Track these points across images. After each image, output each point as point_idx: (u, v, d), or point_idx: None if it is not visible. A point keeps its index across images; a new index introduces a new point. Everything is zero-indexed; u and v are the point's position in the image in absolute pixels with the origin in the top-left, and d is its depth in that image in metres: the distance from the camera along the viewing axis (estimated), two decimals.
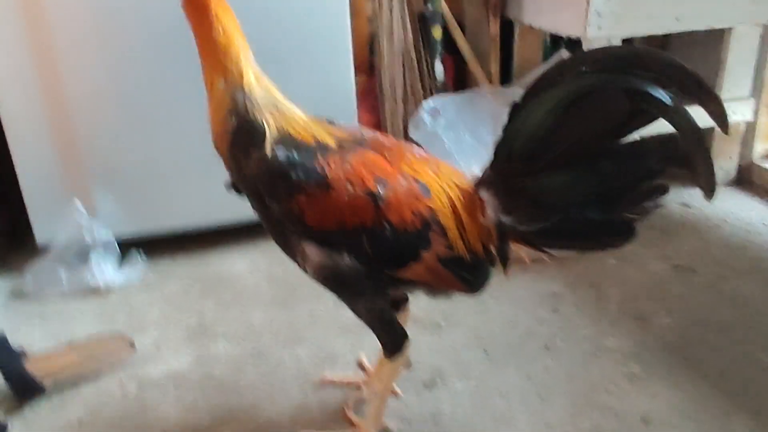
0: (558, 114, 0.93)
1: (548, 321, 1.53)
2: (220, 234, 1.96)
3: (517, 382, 1.33)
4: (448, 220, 1.03)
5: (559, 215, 0.98)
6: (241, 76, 1.02)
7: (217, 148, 1.06)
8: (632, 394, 1.28)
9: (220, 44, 1.01)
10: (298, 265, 1.08)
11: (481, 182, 1.05)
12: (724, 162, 2.20)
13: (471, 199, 1.05)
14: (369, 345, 1.41)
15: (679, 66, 0.87)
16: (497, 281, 1.09)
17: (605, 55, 0.93)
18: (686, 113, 0.87)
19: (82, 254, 1.76)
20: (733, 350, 1.39)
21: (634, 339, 1.44)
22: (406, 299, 1.23)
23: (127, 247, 1.84)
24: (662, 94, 0.87)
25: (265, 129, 1.01)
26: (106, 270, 1.76)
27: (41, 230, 1.80)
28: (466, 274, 1.05)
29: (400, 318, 1.18)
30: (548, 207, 0.98)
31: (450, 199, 1.04)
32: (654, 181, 0.94)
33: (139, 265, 1.83)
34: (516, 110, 0.97)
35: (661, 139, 0.92)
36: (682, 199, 2.09)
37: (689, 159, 0.89)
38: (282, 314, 1.62)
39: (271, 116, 1.02)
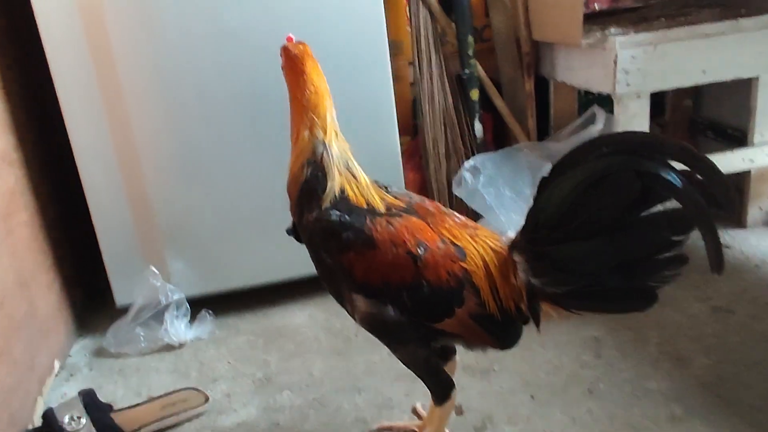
0: (579, 190, 1.04)
1: (591, 365, 1.61)
2: (279, 290, 2.09)
3: (563, 425, 1.41)
4: (480, 281, 1.14)
5: (581, 281, 1.07)
6: (326, 132, 1.19)
7: (288, 190, 1.23)
8: None
9: (312, 102, 1.18)
10: (348, 312, 1.22)
11: (514, 246, 1.16)
12: (763, 203, 2.26)
13: (505, 262, 1.16)
14: (423, 392, 1.51)
15: (690, 150, 0.96)
16: (543, 326, 1.18)
17: (623, 139, 1.05)
18: (694, 195, 0.96)
19: (157, 314, 1.91)
20: (765, 386, 1.45)
21: (674, 380, 1.51)
22: (454, 350, 1.34)
23: (196, 305, 1.98)
24: (672, 177, 0.97)
25: (327, 187, 1.15)
26: (178, 328, 1.91)
27: (120, 293, 1.96)
28: (496, 330, 1.17)
29: (448, 367, 1.29)
30: (571, 272, 1.08)
31: (484, 261, 1.16)
32: (671, 252, 1.02)
33: (207, 322, 1.96)
34: (544, 184, 1.08)
35: (672, 216, 1.01)
36: (722, 240, 2.14)
37: (701, 234, 0.97)
38: (340, 363, 1.73)
39: (339, 174, 1.17)
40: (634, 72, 1.93)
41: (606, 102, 2.23)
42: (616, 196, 1.02)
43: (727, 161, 2.10)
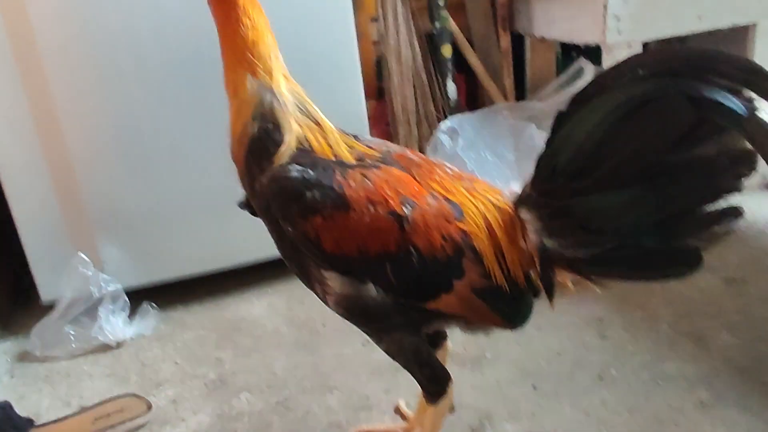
0: (610, 124, 0.81)
1: (597, 348, 1.41)
2: (233, 277, 1.87)
3: (575, 419, 1.21)
4: (483, 245, 0.92)
5: (612, 241, 0.86)
6: (271, 75, 0.94)
7: (233, 155, 0.98)
8: (705, 424, 1.15)
9: (249, 40, 0.93)
10: (318, 295, 0.98)
11: (521, 201, 0.93)
12: (762, 167, 2.09)
13: (511, 221, 0.94)
14: (405, 387, 1.31)
15: (758, 70, 0.75)
16: (537, 306, 0.97)
17: (668, 57, 0.81)
18: (764, 125, 0.75)
19: (89, 309, 1.67)
20: None
21: (697, 362, 1.32)
22: (444, 335, 1.12)
23: (136, 298, 1.74)
24: (735, 104, 0.75)
25: (284, 141, 0.91)
26: (115, 324, 1.66)
27: (46, 287, 1.71)
28: (505, 306, 0.95)
29: (439, 356, 1.07)
30: (599, 231, 0.86)
31: (486, 220, 0.93)
32: (724, 202, 0.81)
33: (150, 317, 1.73)
34: (561, 120, 0.85)
35: (735, 154, 0.79)
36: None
37: None
38: (306, 359, 1.51)
39: (295, 121, 0.93)
40: (625, 18, 1.74)
41: (590, 57, 2.05)
42: (660, 129, 0.79)
43: None
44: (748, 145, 0.77)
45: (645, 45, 1.85)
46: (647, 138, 0.81)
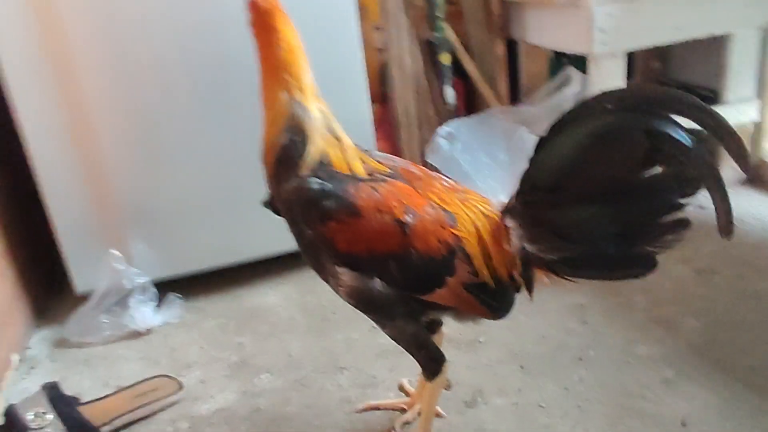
0: (582, 149, 0.96)
1: (578, 333, 1.57)
2: (250, 269, 2.01)
3: (555, 394, 1.37)
4: (473, 248, 1.08)
5: (580, 247, 1.01)
6: (304, 93, 1.08)
7: (263, 160, 1.13)
8: (668, 398, 1.32)
9: (286, 61, 1.08)
10: (331, 286, 1.14)
11: (507, 211, 1.09)
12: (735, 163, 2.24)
13: (497, 227, 1.09)
14: (408, 367, 1.46)
15: (701, 106, 0.89)
16: (527, 295, 1.13)
17: (630, 94, 0.96)
18: (705, 156, 0.90)
19: (121, 300, 1.81)
20: (760, 348, 1.43)
21: (664, 344, 1.48)
22: (441, 322, 1.28)
23: (163, 289, 1.88)
24: (682, 136, 0.90)
25: (306, 152, 1.06)
26: (145, 313, 1.81)
27: (80, 280, 1.85)
28: (490, 299, 1.10)
29: (436, 340, 1.23)
30: (570, 239, 1.01)
31: (476, 227, 1.09)
32: (675, 216, 0.96)
33: (175, 306, 1.87)
34: (542, 143, 1.01)
35: (680, 177, 0.94)
36: (697, 201, 2.12)
37: (710, 198, 0.91)
38: (319, 343, 1.66)
39: (321, 138, 1.08)
40: (610, 30, 1.87)
41: (578, 64, 2.19)
42: (621, 156, 0.95)
43: None
44: (692, 170, 0.92)
45: (629, 54, 1.99)
46: (611, 162, 0.96)
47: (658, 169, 0.95)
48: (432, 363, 1.17)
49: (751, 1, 1.97)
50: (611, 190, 0.97)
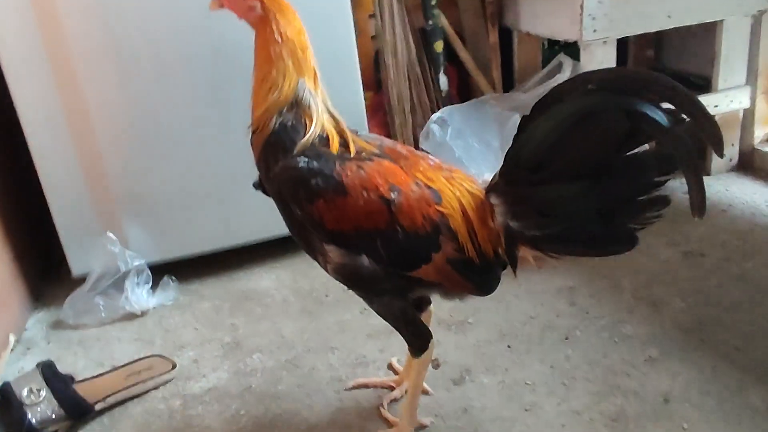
0: (563, 128, 0.98)
1: (566, 314, 1.59)
2: (244, 253, 2.03)
3: (542, 372, 1.40)
4: (458, 225, 1.10)
5: (562, 223, 1.03)
6: (308, 75, 1.11)
7: (252, 143, 1.15)
8: (652, 376, 1.34)
9: (292, 41, 1.10)
10: (320, 264, 1.16)
11: (491, 188, 1.11)
12: (726, 149, 2.26)
13: (481, 205, 1.11)
14: (397, 348, 1.49)
15: (677, 88, 0.91)
16: (516, 279, 1.15)
17: (611, 76, 0.99)
18: (682, 136, 0.92)
19: (116, 282, 1.83)
20: (744, 328, 1.45)
21: (650, 324, 1.50)
22: (429, 301, 1.30)
23: (158, 272, 1.90)
24: (660, 116, 0.92)
25: (309, 133, 1.09)
26: (140, 295, 1.83)
27: (76, 263, 1.87)
28: (475, 275, 1.12)
29: (423, 318, 1.25)
30: (552, 216, 1.04)
31: (461, 204, 1.11)
32: (654, 194, 0.98)
33: (170, 289, 1.89)
34: (525, 122, 1.03)
35: (659, 156, 0.97)
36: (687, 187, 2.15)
37: (684, 176, 0.93)
38: (311, 324, 1.69)
39: (318, 121, 1.11)
40: (600, 17, 1.90)
41: (570, 51, 2.20)
42: (602, 135, 0.97)
43: None
44: (670, 149, 0.94)
45: (619, 41, 2.01)
46: (592, 141, 0.98)
47: (638, 149, 0.98)
48: (418, 339, 1.19)
49: None
50: (592, 168, 0.99)
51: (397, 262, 1.10)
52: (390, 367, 1.48)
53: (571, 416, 1.26)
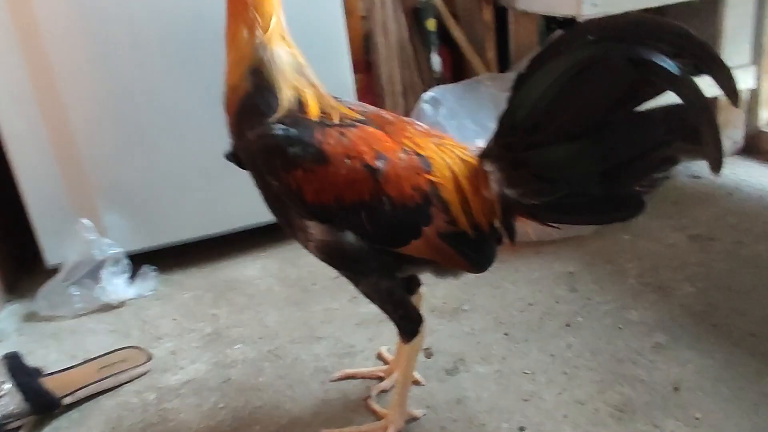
0: (562, 84, 0.89)
1: (567, 300, 1.50)
2: (228, 241, 1.94)
3: (541, 361, 1.30)
4: (450, 194, 1.00)
5: (563, 189, 0.94)
6: (271, 34, 1.00)
7: (226, 106, 1.05)
8: (660, 363, 1.25)
9: None
10: (300, 242, 1.06)
11: (485, 155, 1.02)
12: (732, 131, 2.18)
13: (475, 173, 1.02)
14: (387, 337, 1.40)
15: (689, 35, 0.82)
16: (513, 264, 1.06)
17: (611, 24, 0.88)
18: (694, 85, 0.82)
19: (93, 272, 1.75)
20: (759, 313, 1.36)
21: (658, 310, 1.41)
22: (419, 283, 1.21)
23: (137, 261, 1.82)
24: (669, 64, 0.82)
25: (277, 102, 0.99)
26: (117, 285, 1.75)
27: (51, 252, 1.78)
28: (469, 250, 1.03)
29: (414, 301, 1.16)
30: (552, 180, 0.94)
31: (453, 172, 1.01)
32: (662, 153, 0.90)
33: (150, 279, 1.81)
34: (520, 81, 0.93)
35: (667, 110, 0.87)
36: (692, 171, 2.07)
37: (696, 131, 0.84)
38: (296, 314, 1.59)
39: (288, 84, 1.00)
40: None
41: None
42: (605, 88, 0.88)
43: None
44: (680, 99, 0.85)
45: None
46: (593, 96, 0.89)
47: (643, 104, 0.89)
48: (409, 323, 1.09)
49: None
50: (594, 126, 0.90)
51: (385, 237, 1.01)
52: (379, 356, 1.38)
53: (573, 406, 1.17)
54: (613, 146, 0.91)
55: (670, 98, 0.85)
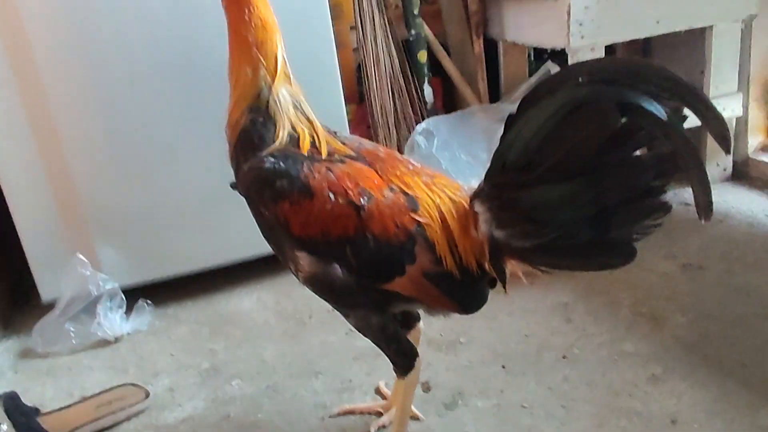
0: (552, 124, 0.90)
1: (562, 331, 1.51)
2: (223, 274, 1.94)
3: (539, 394, 1.31)
4: (435, 234, 1.01)
5: (553, 232, 0.94)
6: (273, 74, 1.05)
7: (228, 138, 1.10)
8: (656, 396, 1.26)
9: (258, 38, 1.04)
10: (292, 272, 1.09)
11: (476, 195, 1.02)
12: (720, 159, 2.21)
13: (464, 213, 1.03)
14: (385, 371, 1.40)
15: (679, 80, 0.84)
16: (508, 296, 1.07)
17: (602, 66, 0.91)
18: (682, 130, 0.84)
19: (88, 307, 1.73)
20: (750, 342, 1.38)
21: (651, 341, 1.43)
22: (418, 317, 1.22)
23: (132, 296, 1.81)
24: (657, 109, 0.83)
25: (274, 133, 1.03)
26: (113, 320, 1.74)
27: (46, 287, 1.78)
28: (457, 291, 1.03)
29: (411, 336, 1.17)
30: (542, 222, 0.95)
31: (440, 212, 1.02)
32: (654, 199, 0.90)
33: (145, 313, 1.80)
34: (512, 120, 0.95)
35: (657, 155, 0.89)
36: (682, 198, 2.09)
37: (685, 177, 0.85)
38: (294, 347, 1.60)
39: (287, 121, 1.05)
40: (587, 23, 1.84)
41: (558, 61, 2.15)
42: (595, 131, 0.88)
43: None
44: (668, 145, 0.86)
45: (608, 48, 1.95)
46: (583, 137, 0.89)
47: (633, 147, 0.90)
48: (402, 357, 1.10)
49: None
50: (585, 168, 0.90)
51: (369, 272, 1.02)
52: (378, 391, 1.39)
53: None
54: (604, 189, 0.91)
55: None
